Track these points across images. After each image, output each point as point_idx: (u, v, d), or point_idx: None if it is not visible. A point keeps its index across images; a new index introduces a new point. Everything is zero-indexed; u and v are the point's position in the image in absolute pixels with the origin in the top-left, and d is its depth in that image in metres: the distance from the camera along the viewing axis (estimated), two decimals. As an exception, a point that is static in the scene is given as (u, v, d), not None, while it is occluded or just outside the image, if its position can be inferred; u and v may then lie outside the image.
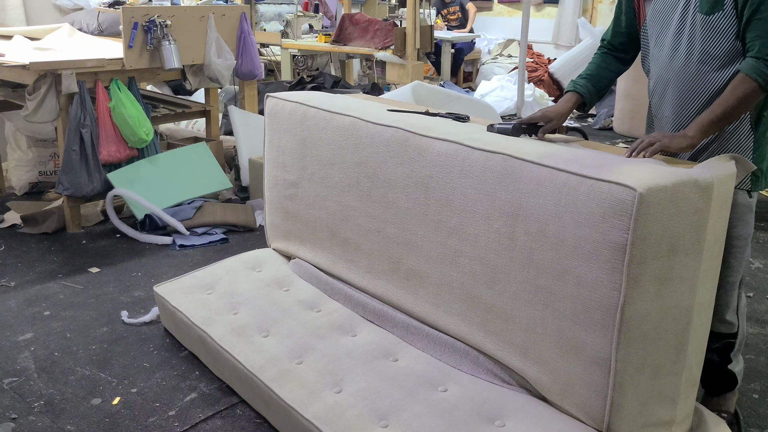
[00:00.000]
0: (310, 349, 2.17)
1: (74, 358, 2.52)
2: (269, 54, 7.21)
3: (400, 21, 6.35)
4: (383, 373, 2.04)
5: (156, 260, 3.39)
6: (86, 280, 3.17)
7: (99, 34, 5.18)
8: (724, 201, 1.70)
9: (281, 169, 2.69)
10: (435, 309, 2.13)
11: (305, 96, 2.65)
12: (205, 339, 2.31)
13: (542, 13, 9.23)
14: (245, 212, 3.88)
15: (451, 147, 2.01)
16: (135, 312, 2.85)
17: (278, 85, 5.91)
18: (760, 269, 3.36)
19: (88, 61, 3.59)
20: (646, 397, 1.71)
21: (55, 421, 2.16)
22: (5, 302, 2.94)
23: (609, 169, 1.66)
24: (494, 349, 1.96)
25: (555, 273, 1.73)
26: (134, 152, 3.77)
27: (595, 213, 1.62)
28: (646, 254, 1.57)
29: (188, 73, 4.10)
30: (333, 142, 2.42)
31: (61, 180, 3.58)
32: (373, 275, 2.35)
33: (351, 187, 2.37)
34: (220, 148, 4.38)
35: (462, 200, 1.98)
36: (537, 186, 1.76)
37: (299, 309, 2.41)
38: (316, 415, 1.87)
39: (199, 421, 2.16)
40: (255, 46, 4.32)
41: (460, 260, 2.01)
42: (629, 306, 1.60)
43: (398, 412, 1.86)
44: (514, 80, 7.05)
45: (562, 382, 1.79)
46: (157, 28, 3.72)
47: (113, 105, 3.63)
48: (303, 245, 2.67)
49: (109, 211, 3.65)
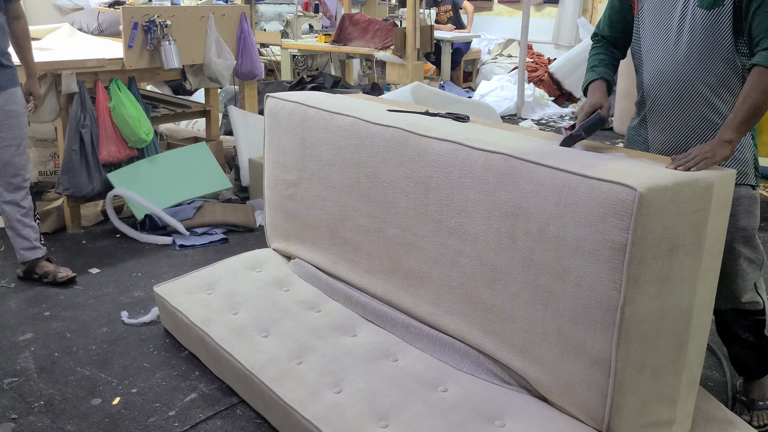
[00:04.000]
0: (310, 349, 2.17)
1: (74, 358, 2.52)
2: (269, 54, 7.22)
3: (400, 21, 6.35)
4: (383, 373, 2.03)
5: (156, 260, 3.39)
6: (86, 280, 3.16)
7: (99, 34, 5.19)
8: (724, 201, 1.70)
9: (281, 169, 2.69)
10: (435, 309, 2.13)
11: (305, 96, 2.65)
12: (205, 339, 2.31)
13: (542, 13, 9.23)
14: (245, 212, 3.88)
15: (451, 147, 2.01)
16: (135, 312, 2.85)
17: (278, 85, 5.91)
18: (760, 269, 3.35)
19: (88, 61, 3.59)
20: (646, 397, 1.71)
21: (55, 421, 2.16)
22: (5, 302, 2.94)
23: (609, 168, 1.66)
24: (494, 349, 1.96)
25: (555, 273, 1.73)
26: (134, 152, 3.77)
27: (596, 213, 1.62)
28: (646, 254, 1.57)
29: (188, 73, 4.10)
30: (333, 142, 2.42)
31: (61, 180, 3.58)
32: (373, 275, 2.35)
33: (351, 187, 2.37)
34: (220, 148, 4.38)
35: (462, 200, 1.98)
36: (537, 186, 1.76)
37: (299, 309, 2.41)
38: (316, 415, 1.87)
39: (199, 421, 2.16)
40: (255, 46, 4.32)
41: (460, 260, 2.01)
42: (629, 306, 1.60)
43: (398, 412, 1.86)
44: (514, 80, 7.05)
45: (562, 382, 1.79)
46: (157, 28, 3.72)
47: (113, 105, 3.63)
48: (303, 245, 2.67)
49: (109, 211, 3.65)
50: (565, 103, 7.57)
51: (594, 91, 2.06)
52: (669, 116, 1.98)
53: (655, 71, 1.98)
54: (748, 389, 2.20)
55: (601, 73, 2.09)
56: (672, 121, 1.97)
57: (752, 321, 2.05)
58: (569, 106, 7.42)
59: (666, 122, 1.99)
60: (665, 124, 1.99)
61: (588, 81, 2.10)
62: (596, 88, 2.07)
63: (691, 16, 1.87)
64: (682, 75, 1.91)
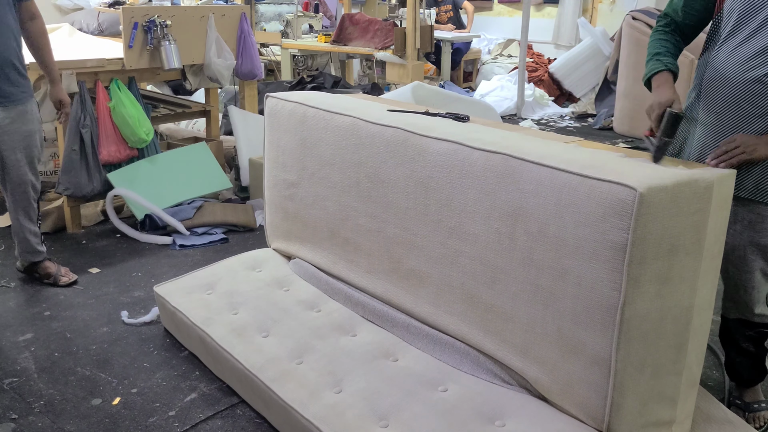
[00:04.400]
0: (310, 349, 2.17)
1: (74, 358, 2.52)
2: (269, 54, 7.22)
3: (400, 21, 6.35)
4: (383, 373, 2.04)
5: (156, 260, 3.39)
6: (86, 280, 3.16)
7: (99, 34, 5.19)
8: (724, 201, 1.70)
9: (281, 169, 2.69)
10: (435, 309, 2.13)
11: (305, 96, 2.65)
12: (205, 339, 2.31)
13: (542, 13, 9.24)
14: (245, 212, 3.88)
15: (451, 147, 2.01)
16: (135, 312, 2.85)
17: (278, 85, 5.91)
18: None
19: (88, 61, 3.59)
20: (646, 397, 1.71)
21: (55, 421, 2.16)
22: (5, 302, 2.94)
23: (609, 169, 1.66)
24: (494, 349, 1.96)
25: (555, 273, 1.73)
26: (134, 152, 3.77)
27: (596, 213, 1.62)
28: (646, 254, 1.57)
29: (188, 73, 4.10)
30: (333, 142, 2.42)
31: (61, 180, 3.58)
32: (373, 275, 2.35)
33: (351, 187, 2.37)
34: (220, 148, 4.38)
35: (462, 200, 1.98)
36: (537, 186, 1.76)
37: (299, 309, 2.41)
38: (316, 415, 1.87)
39: (200, 421, 2.16)
40: (255, 46, 4.32)
41: (460, 260, 2.01)
42: (629, 306, 1.60)
43: (398, 412, 1.86)
44: (514, 80, 7.06)
45: (562, 382, 1.79)
46: (157, 28, 3.72)
47: (113, 105, 3.63)
48: (303, 245, 2.67)
49: (109, 211, 3.65)
50: (565, 103, 7.57)
51: (661, 85, 1.88)
52: (730, 107, 1.85)
53: (722, 72, 1.86)
54: (742, 393, 2.21)
55: (668, 64, 1.90)
56: (732, 112, 1.85)
57: (756, 332, 2.05)
58: (569, 106, 7.42)
59: (725, 112, 1.87)
60: (723, 112, 1.87)
61: (652, 72, 1.91)
62: (663, 81, 1.88)
63: None
64: (753, 69, 1.79)
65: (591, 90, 7.38)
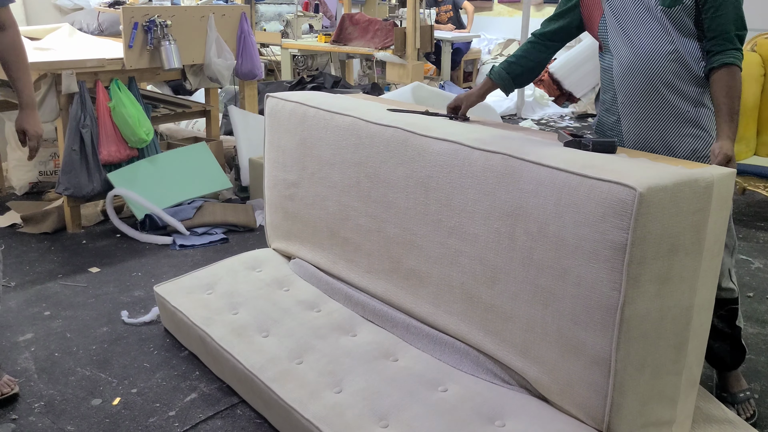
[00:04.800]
0: (310, 349, 2.17)
1: (74, 358, 2.52)
2: (269, 54, 7.21)
3: (400, 21, 6.35)
4: (383, 373, 2.04)
5: (156, 260, 3.39)
6: (86, 280, 3.16)
7: (99, 34, 5.19)
8: (724, 200, 1.70)
9: (281, 169, 2.69)
10: (435, 309, 2.13)
11: (305, 96, 2.65)
12: (205, 339, 2.31)
13: (542, 13, 9.22)
14: (245, 212, 3.88)
15: (451, 147, 2.02)
16: (135, 312, 2.85)
17: (278, 85, 5.91)
18: (760, 269, 3.36)
19: (88, 61, 3.59)
20: (646, 397, 1.71)
21: (55, 421, 2.16)
22: (5, 302, 2.93)
23: (609, 169, 1.66)
24: (494, 349, 1.96)
25: (555, 273, 1.73)
26: (134, 152, 3.77)
27: (595, 213, 1.62)
28: (646, 254, 1.57)
29: (188, 73, 4.10)
30: (333, 142, 2.42)
31: (61, 180, 3.58)
32: (373, 275, 2.35)
33: (351, 187, 2.37)
34: (220, 148, 4.38)
35: (462, 200, 1.98)
36: (537, 186, 1.76)
37: (299, 309, 2.41)
38: (316, 415, 1.87)
39: (200, 421, 2.16)
40: (255, 46, 4.32)
41: (460, 260, 2.01)
42: (629, 306, 1.60)
43: (398, 412, 1.86)
44: (514, 80, 7.04)
45: (562, 382, 1.79)
46: (157, 28, 3.72)
47: (113, 105, 3.63)
48: (303, 245, 2.67)
49: (109, 211, 3.65)
50: (565, 103, 7.55)
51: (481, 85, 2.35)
52: (638, 107, 2.05)
53: (621, 68, 2.06)
54: (725, 384, 2.23)
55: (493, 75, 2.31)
56: (642, 113, 2.05)
57: (726, 311, 2.10)
58: (569, 106, 7.41)
59: (636, 114, 2.06)
60: (636, 115, 2.07)
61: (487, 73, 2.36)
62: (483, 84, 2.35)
63: (653, 13, 1.96)
64: (647, 71, 2.00)
65: (591, 90, 7.36)
